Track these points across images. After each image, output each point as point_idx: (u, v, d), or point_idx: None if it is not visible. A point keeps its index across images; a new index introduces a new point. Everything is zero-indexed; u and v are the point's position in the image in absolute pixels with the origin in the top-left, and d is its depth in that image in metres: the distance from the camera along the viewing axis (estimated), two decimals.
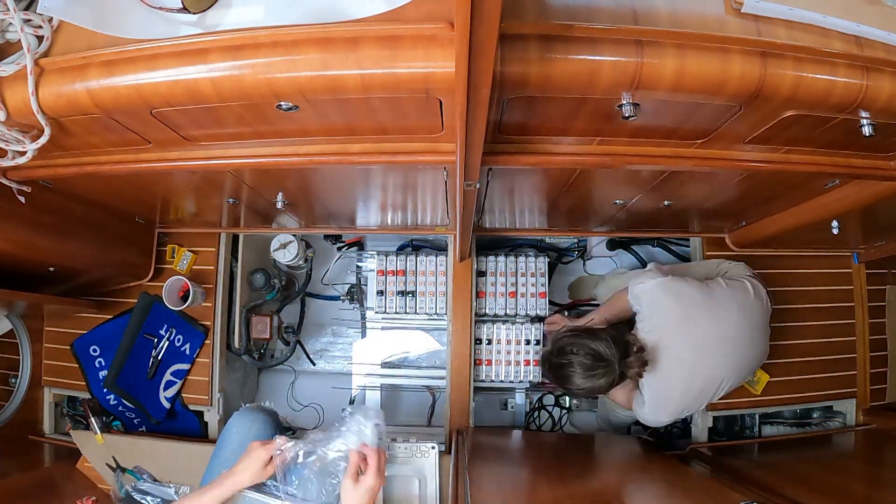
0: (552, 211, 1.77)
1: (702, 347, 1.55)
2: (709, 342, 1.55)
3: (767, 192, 1.51)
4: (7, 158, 1.09)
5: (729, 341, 1.57)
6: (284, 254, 2.05)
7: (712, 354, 1.56)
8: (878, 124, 0.97)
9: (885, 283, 2.10)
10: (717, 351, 1.56)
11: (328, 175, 1.36)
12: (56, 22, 0.94)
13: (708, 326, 1.55)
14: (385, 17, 0.85)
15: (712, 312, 1.57)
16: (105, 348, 1.98)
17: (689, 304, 1.56)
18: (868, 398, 2.01)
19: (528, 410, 2.16)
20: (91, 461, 1.78)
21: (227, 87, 0.90)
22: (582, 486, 1.47)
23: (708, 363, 1.56)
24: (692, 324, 1.55)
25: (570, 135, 1.12)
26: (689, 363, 1.56)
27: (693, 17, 0.89)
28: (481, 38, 0.64)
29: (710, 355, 1.56)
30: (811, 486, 1.47)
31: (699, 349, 1.55)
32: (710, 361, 1.57)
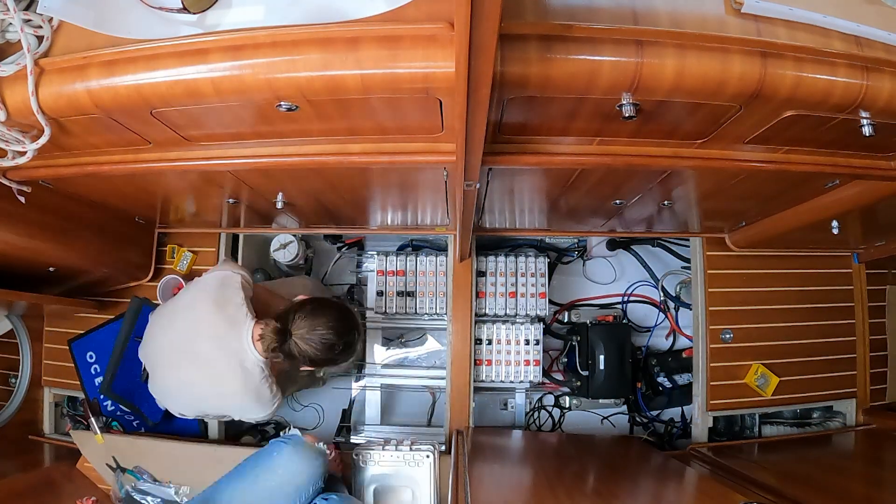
0: (552, 211, 1.77)
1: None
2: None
3: (767, 192, 1.51)
4: (7, 158, 1.09)
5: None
6: (284, 254, 2.05)
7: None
8: (878, 124, 0.97)
9: (885, 283, 2.10)
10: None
11: (328, 175, 1.36)
12: (56, 22, 0.94)
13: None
14: (385, 17, 0.85)
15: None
16: (101, 354, 1.98)
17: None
18: (868, 398, 2.01)
19: (528, 410, 2.16)
20: (91, 461, 1.78)
21: (227, 87, 0.90)
22: (582, 486, 1.47)
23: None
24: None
25: (570, 135, 1.12)
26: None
27: (693, 17, 0.89)
28: (481, 38, 0.64)
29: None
30: (811, 486, 1.47)
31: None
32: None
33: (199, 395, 1.51)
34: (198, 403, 1.55)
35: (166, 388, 1.58)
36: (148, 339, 1.62)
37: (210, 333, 1.43)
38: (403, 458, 1.57)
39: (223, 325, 1.42)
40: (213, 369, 1.43)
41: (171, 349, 1.50)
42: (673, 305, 2.20)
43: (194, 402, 1.55)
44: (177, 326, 1.51)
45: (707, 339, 1.97)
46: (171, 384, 1.55)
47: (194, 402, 1.55)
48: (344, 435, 2.05)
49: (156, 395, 1.63)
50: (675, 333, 2.21)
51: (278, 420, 2.11)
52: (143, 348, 1.63)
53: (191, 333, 1.46)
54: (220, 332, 1.42)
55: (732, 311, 2.00)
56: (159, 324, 1.59)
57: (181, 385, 1.52)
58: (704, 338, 1.97)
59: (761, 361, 1.97)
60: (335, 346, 1.41)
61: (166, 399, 1.62)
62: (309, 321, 1.38)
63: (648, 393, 2.14)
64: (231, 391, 1.44)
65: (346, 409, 2.15)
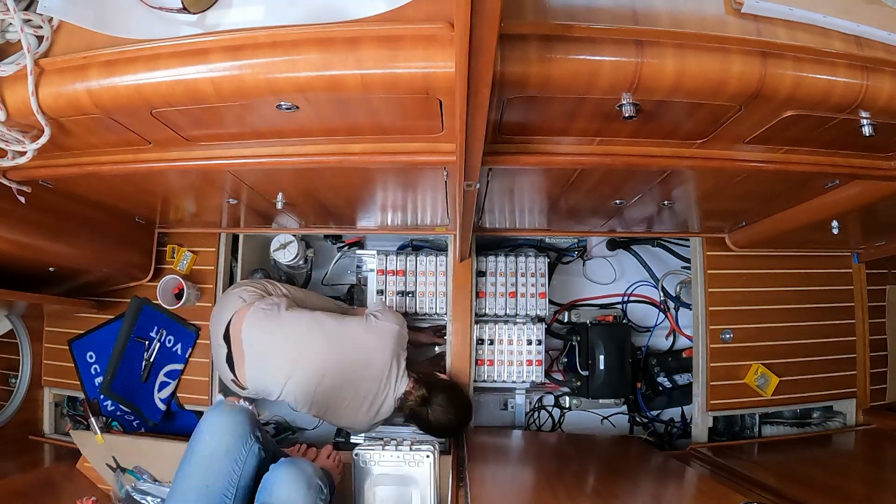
0: (552, 211, 1.77)
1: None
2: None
3: (767, 192, 1.51)
4: (7, 158, 1.09)
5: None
6: (284, 254, 2.05)
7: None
8: (878, 124, 0.97)
9: (885, 283, 2.10)
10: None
11: (328, 175, 1.36)
12: (56, 22, 0.94)
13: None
14: (385, 17, 0.85)
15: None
16: (101, 354, 1.99)
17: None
18: (868, 398, 2.01)
19: (528, 410, 2.16)
20: (91, 461, 1.78)
21: (227, 87, 0.90)
22: (582, 486, 1.47)
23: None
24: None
25: (570, 135, 1.12)
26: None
27: (693, 17, 0.89)
28: (481, 38, 0.64)
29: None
30: (811, 486, 1.47)
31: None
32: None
33: (334, 398, 1.72)
34: (316, 400, 1.71)
35: (296, 380, 1.69)
36: (301, 336, 1.71)
37: (378, 374, 1.72)
38: (403, 457, 1.58)
39: (392, 371, 1.74)
40: (363, 396, 1.73)
41: (336, 367, 1.70)
42: (673, 305, 2.20)
43: (317, 400, 1.71)
44: (353, 347, 1.72)
45: (707, 339, 1.97)
46: (310, 381, 1.69)
47: (317, 400, 1.71)
48: (344, 435, 2.05)
49: (262, 371, 1.72)
50: (675, 333, 2.21)
51: (278, 420, 2.11)
52: (289, 333, 1.72)
53: (366, 363, 1.72)
54: (384, 376, 1.73)
55: (732, 311, 2.00)
56: (314, 333, 1.71)
57: (322, 388, 1.70)
58: (704, 338, 1.97)
59: (761, 361, 1.97)
60: (451, 430, 1.80)
61: (276, 381, 1.70)
62: (449, 404, 1.75)
63: (648, 393, 2.14)
64: (361, 416, 1.76)
65: None
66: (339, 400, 1.72)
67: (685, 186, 1.48)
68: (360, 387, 1.72)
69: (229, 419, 1.25)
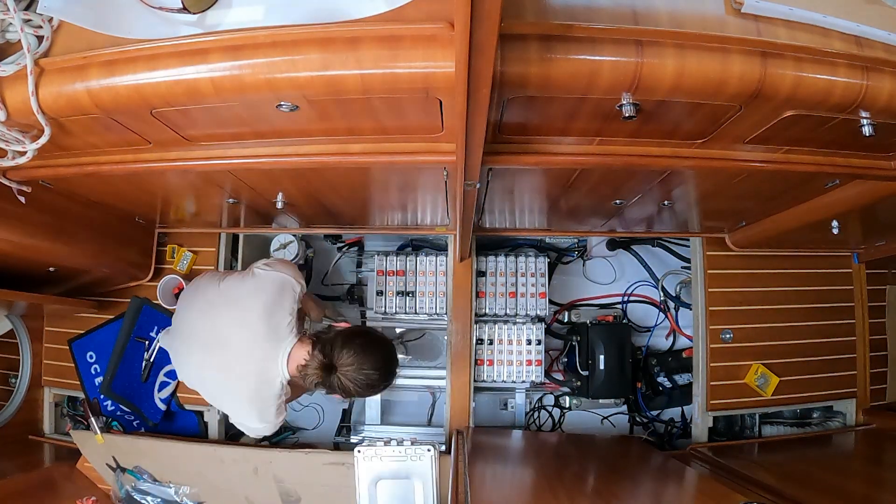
0: (552, 211, 1.77)
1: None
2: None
3: (767, 192, 1.51)
4: (7, 158, 1.09)
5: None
6: (284, 254, 2.05)
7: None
8: (878, 124, 0.97)
9: (885, 283, 2.10)
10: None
11: (328, 175, 1.36)
12: (56, 22, 0.94)
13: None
14: (385, 17, 0.85)
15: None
16: (101, 354, 1.99)
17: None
18: (868, 398, 2.01)
19: (528, 410, 2.16)
20: (91, 461, 1.78)
21: (227, 87, 0.90)
22: (582, 486, 1.47)
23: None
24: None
25: (570, 135, 1.12)
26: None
27: (693, 17, 0.89)
28: (481, 38, 0.64)
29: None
30: (811, 486, 1.47)
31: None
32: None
33: (209, 384, 1.50)
34: (204, 389, 1.53)
35: (183, 360, 1.56)
36: (183, 311, 1.56)
37: (247, 335, 1.40)
38: (405, 451, 1.58)
39: (263, 332, 1.39)
40: (232, 370, 1.41)
41: (205, 333, 1.46)
42: (673, 305, 2.20)
43: (204, 388, 1.53)
44: (219, 313, 1.46)
45: (707, 339, 1.97)
46: (191, 361, 1.52)
47: (204, 388, 1.53)
48: (344, 435, 2.05)
49: (171, 355, 1.62)
50: (675, 333, 2.21)
51: None
52: (176, 317, 1.60)
53: (231, 329, 1.42)
54: (257, 337, 1.39)
55: (732, 311, 2.00)
56: (202, 298, 1.52)
57: (199, 369, 1.50)
58: (704, 338, 1.97)
59: (761, 361, 1.97)
60: (378, 385, 1.42)
61: (177, 366, 1.60)
62: (357, 359, 1.35)
63: (648, 393, 2.14)
64: (239, 396, 1.43)
65: (346, 408, 2.15)
66: (210, 378, 1.48)
67: (685, 186, 1.48)
68: (230, 356, 1.40)
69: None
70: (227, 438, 1.98)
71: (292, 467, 1.69)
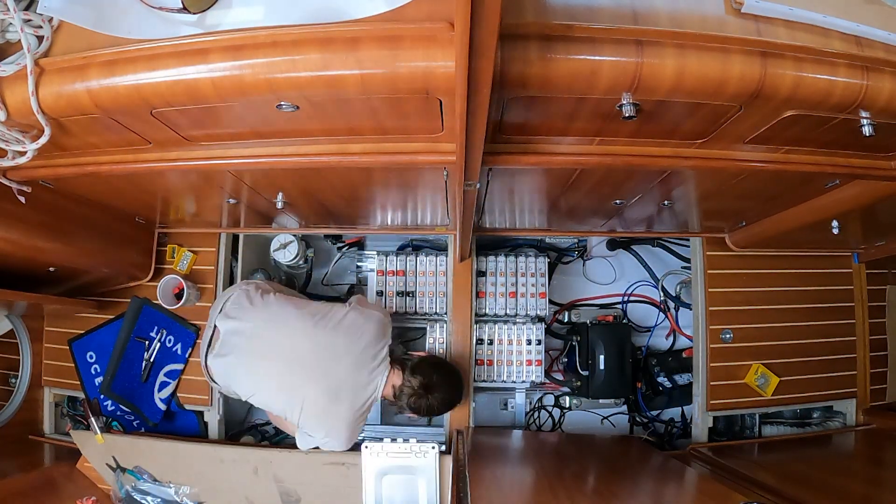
0: (552, 211, 1.77)
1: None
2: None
3: (767, 192, 1.51)
4: (7, 158, 1.09)
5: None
6: (284, 254, 2.05)
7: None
8: (878, 124, 0.97)
9: (885, 283, 2.10)
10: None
11: (328, 175, 1.36)
12: (56, 22, 0.94)
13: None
14: (385, 17, 0.85)
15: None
16: (101, 354, 1.99)
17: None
18: (868, 398, 2.01)
19: (528, 410, 2.16)
20: (91, 461, 1.78)
21: (227, 87, 0.90)
22: (582, 485, 1.47)
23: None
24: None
25: (570, 135, 1.12)
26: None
27: (693, 17, 0.89)
28: (481, 38, 0.64)
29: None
30: (811, 486, 1.47)
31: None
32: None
33: (304, 397, 1.56)
34: (290, 399, 1.58)
35: (265, 382, 1.60)
36: (273, 326, 1.62)
37: (355, 362, 1.58)
38: (410, 448, 1.60)
39: (370, 362, 1.59)
40: (336, 394, 1.56)
41: (307, 356, 1.57)
42: (673, 305, 2.20)
43: (287, 397, 1.59)
44: (329, 334, 1.59)
45: (707, 339, 1.97)
46: (282, 382, 1.59)
47: (287, 397, 1.59)
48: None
49: (239, 374, 1.63)
50: (675, 333, 2.21)
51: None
52: (265, 316, 1.64)
53: (342, 350, 1.58)
54: (363, 365, 1.58)
55: (732, 311, 2.00)
56: (297, 325, 1.61)
57: (291, 389, 1.57)
58: (704, 338, 1.97)
59: (761, 361, 1.97)
60: (454, 406, 1.73)
61: (247, 384, 1.62)
62: (446, 383, 1.65)
63: (648, 393, 2.14)
64: (337, 419, 1.57)
65: None
66: (310, 392, 1.56)
67: (685, 186, 1.48)
68: (336, 377, 1.56)
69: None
70: (227, 438, 1.98)
71: (292, 467, 1.69)
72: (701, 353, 1.98)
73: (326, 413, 1.58)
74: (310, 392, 1.56)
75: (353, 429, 1.59)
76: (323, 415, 1.58)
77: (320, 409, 1.57)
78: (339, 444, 1.59)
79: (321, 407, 1.57)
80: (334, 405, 1.57)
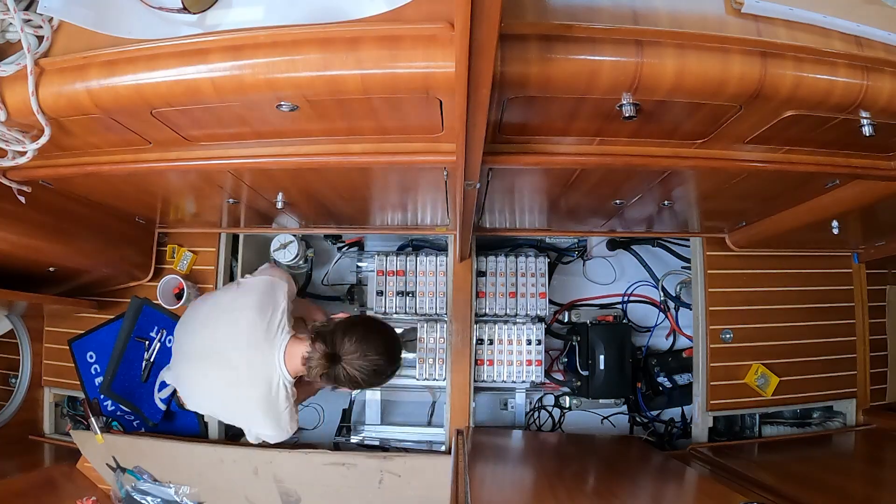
0: (552, 211, 1.77)
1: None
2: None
3: (767, 192, 1.51)
4: (7, 158, 1.09)
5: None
6: (284, 254, 2.05)
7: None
8: (878, 124, 0.97)
9: (885, 283, 2.10)
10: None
11: (328, 175, 1.36)
12: (56, 22, 0.94)
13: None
14: (385, 17, 0.85)
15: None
16: (101, 354, 1.98)
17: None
18: (868, 398, 2.01)
19: (528, 410, 2.16)
20: (91, 461, 1.78)
21: (227, 87, 0.90)
22: (582, 485, 1.47)
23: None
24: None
25: (570, 135, 1.12)
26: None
27: (693, 17, 0.89)
28: (481, 38, 0.64)
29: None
30: (811, 486, 1.47)
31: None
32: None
33: (217, 401, 1.50)
34: (214, 408, 1.55)
35: (188, 384, 1.56)
36: (182, 329, 1.59)
37: (245, 342, 1.39)
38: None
39: (261, 335, 1.39)
40: (237, 380, 1.40)
41: (203, 348, 1.46)
42: (673, 305, 2.20)
43: (212, 406, 1.56)
44: (214, 326, 1.47)
45: (707, 339, 1.97)
46: (194, 382, 1.53)
47: (212, 406, 1.56)
48: (344, 435, 2.05)
49: (177, 386, 1.60)
50: (675, 333, 2.21)
51: None
52: (177, 335, 1.61)
53: (227, 338, 1.42)
54: (255, 342, 1.39)
55: (732, 311, 2.00)
56: (196, 318, 1.55)
57: (203, 386, 1.51)
58: (704, 338, 1.97)
59: (761, 361, 1.97)
60: (385, 371, 1.41)
61: (184, 393, 1.59)
62: (361, 346, 1.34)
63: (648, 393, 2.14)
64: (249, 407, 1.42)
65: (346, 409, 2.15)
66: (217, 395, 1.47)
67: (685, 186, 1.48)
68: (232, 373, 1.40)
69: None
70: (227, 438, 1.98)
71: (292, 467, 1.69)
72: (701, 353, 1.98)
73: (237, 407, 1.46)
74: (214, 389, 1.46)
75: (277, 416, 1.41)
76: (236, 410, 1.47)
77: (230, 406, 1.47)
78: (270, 434, 1.45)
79: (230, 403, 1.47)
80: (243, 404, 1.43)
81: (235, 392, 1.42)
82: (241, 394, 1.42)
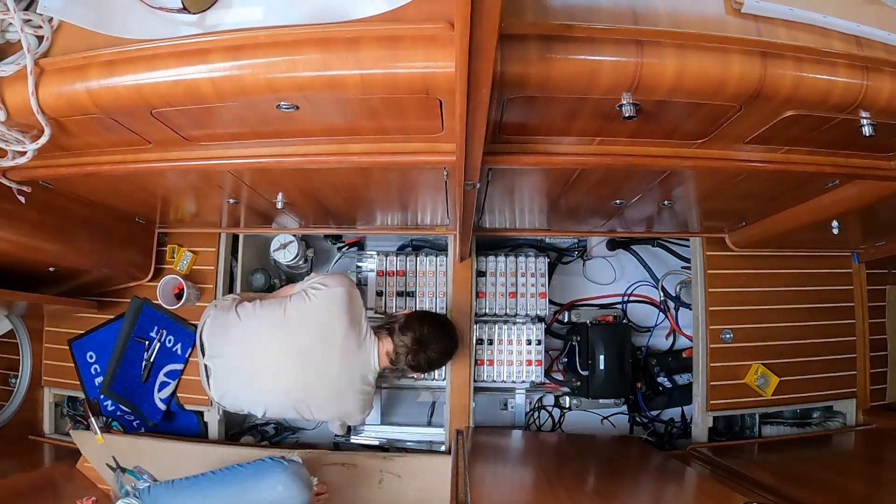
0: (552, 211, 1.77)
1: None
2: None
3: (767, 192, 1.51)
4: (7, 158, 1.09)
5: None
6: (284, 254, 2.05)
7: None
8: (878, 124, 0.97)
9: (885, 283, 2.10)
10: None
11: (328, 175, 1.36)
12: (56, 22, 0.94)
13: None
14: (385, 17, 0.85)
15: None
16: (101, 354, 1.99)
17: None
18: (868, 398, 2.01)
19: (528, 410, 2.16)
20: (91, 461, 1.78)
21: (227, 87, 0.90)
22: (582, 486, 1.47)
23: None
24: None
25: (570, 135, 1.12)
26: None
27: (693, 18, 0.89)
28: (481, 38, 0.64)
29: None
30: (811, 485, 1.47)
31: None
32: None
33: (308, 398, 1.62)
34: (297, 404, 1.63)
35: (269, 398, 1.64)
36: (248, 333, 1.63)
37: (340, 348, 1.59)
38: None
39: (354, 342, 1.60)
40: (336, 381, 1.60)
41: (290, 351, 1.59)
42: (673, 305, 2.20)
43: (294, 403, 1.63)
44: (301, 331, 1.59)
45: (707, 339, 1.97)
46: (271, 383, 1.62)
47: (294, 403, 1.63)
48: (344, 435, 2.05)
49: (224, 383, 1.66)
50: (675, 333, 2.21)
51: (278, 420, 2.11)
52: (239, 338, 1.64)
53: (321, 342, 1.59)
54: (350, 348, 1.60)
55: (732, 311, 2.00)
56: (265, 321, 1.62)
57: (289, 386, 1.61)
58: (704, 338, 1.97)
59: (761, 361, 1.97)
60: (454, 352, 1.75)
61: (240, 391, 1.66)
62: (436, 333, 1.65)
63: (648, 393, 2.14)
64: (348, 401, 1.64)
65: None
66: (313, 393, 1.62)
67: (685, 186, 1.48)
68: (330, 371, 1.59)
69: (299, 494, 1.33)
70: (227, 438, 1.98)
71: None
72: (701, 353, 1.98)
73: (337, 407, 1.66)
74: (312, 399, 1.62)
75: (366, 404, 1.68)
76: (335, 410, 1.67)
77: (329, 408, 1.66)
78: (360, 418, 1.75)
79: (329, 407, 1.65)
80: (341, 399, 1.63)
81: (334, 401, 1.64)
82: (341, 400, 1.64)
